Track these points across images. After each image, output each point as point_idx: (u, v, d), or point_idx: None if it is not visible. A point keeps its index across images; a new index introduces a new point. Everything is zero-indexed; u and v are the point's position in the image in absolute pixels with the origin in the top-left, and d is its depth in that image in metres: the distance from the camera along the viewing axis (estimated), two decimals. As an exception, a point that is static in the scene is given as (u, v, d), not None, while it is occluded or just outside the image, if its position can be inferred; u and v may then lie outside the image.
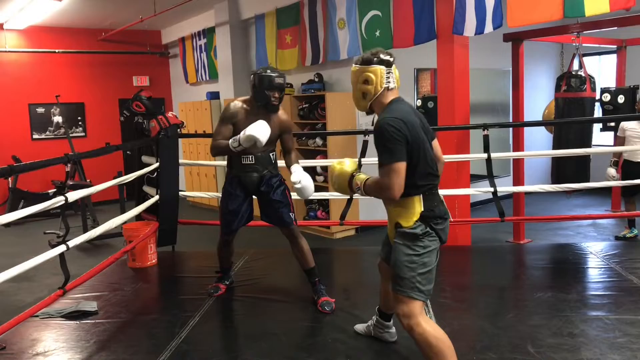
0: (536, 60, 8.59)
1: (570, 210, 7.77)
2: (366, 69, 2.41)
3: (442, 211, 2.40)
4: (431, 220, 2.34)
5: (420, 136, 2.32)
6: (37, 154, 8.88)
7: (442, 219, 2.38)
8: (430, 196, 2.36)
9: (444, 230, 2.39)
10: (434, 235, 2.34)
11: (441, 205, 2.41)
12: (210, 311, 3.46)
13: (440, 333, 2.29)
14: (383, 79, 2.40)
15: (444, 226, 2.39)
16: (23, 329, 3.21)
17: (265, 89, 3.35)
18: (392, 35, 5.83)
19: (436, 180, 2.40)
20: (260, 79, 3.37)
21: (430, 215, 2.34)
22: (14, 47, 9.49)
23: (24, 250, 5.58)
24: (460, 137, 5.21)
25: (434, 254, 2.36)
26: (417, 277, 2.30)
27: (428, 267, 2.33)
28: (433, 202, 2.36)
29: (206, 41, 9.64)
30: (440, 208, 2.39)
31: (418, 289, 2.30)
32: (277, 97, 3.40)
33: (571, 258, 4.38)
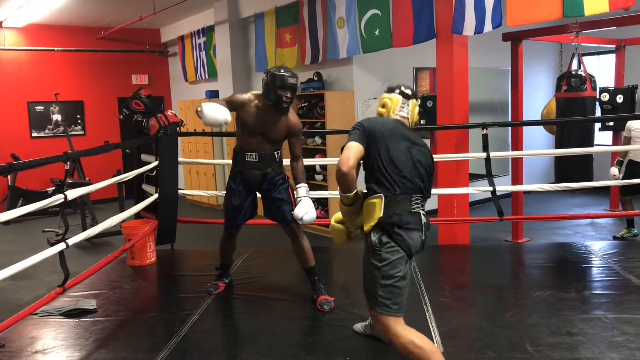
0: (535, 59, 8.60)
1: (568, 209, 7.78)
2: (387, 95, 2.64)
3: (405, 221, 2.32)
4: (390, 228, 2.31)
5: (390, 136, 2.41)
6: (36, 152, 8.86)
7: (404, 229, 2.32)
8: (394, 202, 2.33)
9: (406, 241, 2.31)
10: (392, 245, 2.30)
11: (408, 216, 2.34)
12: (210, 309, 3.46)
13: (421, 341, 2.28)
14: (397, 107, 2.59)
15: (407, 236, 2.32)
16: (22, 327, 3.22)
17: (277, 88, 3.33)
18: (392, 34, 5.83)
19: (407, 189, 2.37)
20: (273, 77, 3.34)
21: (388, 222, 2.31)
22: (12, 45, 9.48)
23: (23, 248, 5.57)
24: (459, 136, 5.21)
25: (398, 265, 2.30)
26: (379, 292, 2.30)
27: (390, 280, 2.28)
28: (396, 209, 2.33)
29: (205, 40, 9.63)
30: (404, 218, 2.33)
31: (384, 304, 2.29)
32: (288, 98, 3.37)
33: (570, 257, 4.38)
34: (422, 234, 2.40)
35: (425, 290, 3.58)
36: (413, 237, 2.35)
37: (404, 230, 2.32)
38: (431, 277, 3.94)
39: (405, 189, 2.37)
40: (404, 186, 2.37)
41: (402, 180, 2.37)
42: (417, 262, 4.21)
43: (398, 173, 2.37)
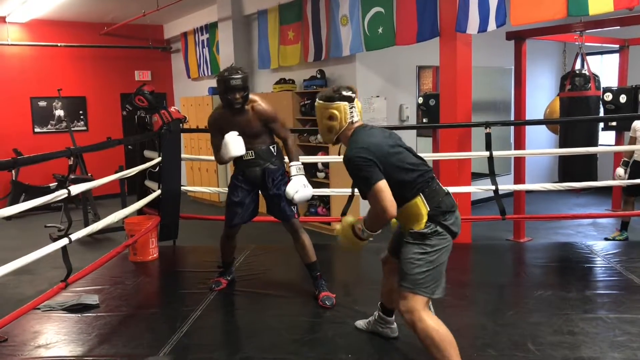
0: (538, 58, 8.58)
1: (570, 209, 7.77)
2: (330, 106, 2.50)
3: (449, 204, 2.39)
4: (440, 218, 2.36)
5: (389, 151, 2.38)
6: (39, 148, 8.87)
7: (450, 213, 2.38)
8: (430, 193, 2.37)
9: (455, 224, 2.40)
10: (444, 233, 2.36)
11: (447, 198, 2.41)
12: (212, 306, 3.47)
13: (443, 328, 2.31)
14: (347, 115, 2.49)
15: (452, 220, 2.39)
16: (25, 321, 3.22)
17: (223, 92, 3.37)
18: (395, 32, 5.82)
19: (427, 175, 2.41)
20: (217, 83, 3.40)
21: (438, 212, 2.36)
22: (16, 41, 9.48)
23: (25, 243, 5.59)
24: (461, 134, 5.21)
25: (443, 252, 2.37)
26: (422, 275, 2.34)
27: (435, 264, 2.35)
28: (437, 198, 2.38)
29: (208, 36, 9.63)
30: (446, 202, 2.39)
31: (423, 285, 2.34)
32: (238, 98, 3.37)
33: (571, 257, 4.38)
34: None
35: (426, 289, 3.58)
36: (458, 217, 2.42)
37: (450, 213, 2.38)
38: (433, 275, 3.94)
39: (426, 177, 2.41)
40: (423, 174, 2.40)
41: (419, 173, 2.39)
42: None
43: (413, 171, 2.39)
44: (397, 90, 7.31)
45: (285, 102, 7.39)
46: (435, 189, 2.40)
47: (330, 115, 2.49)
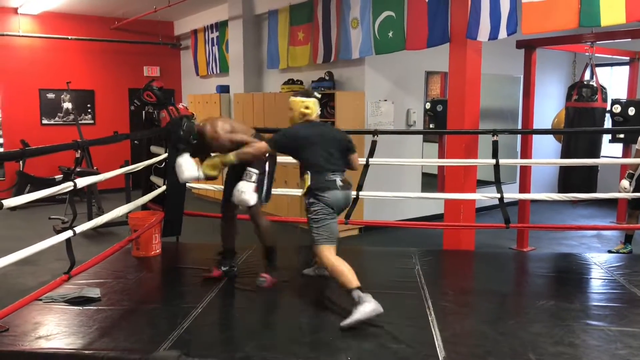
0: (548, 68, 8.56)
1: (575, 220, 7.74)
2: (307, 102, 3.57)
3: (327, 187, 3.33)
4: (316, 191, 3.34)
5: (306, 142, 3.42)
6: (46, 139, 8.90)
7: (328, 190, 3.33)
8: (317, 176, 3.36)
9: (330, 199, 3.32)
10: (319, 203, 3.33)
11: (330, 183, 3.34)
12: (213, 303, 3.47)
13: (340, 261, 3.24)
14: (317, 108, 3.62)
15: (328, 196, 3.32)
16: (26, 312, 3.23)
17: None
18: (405, 37, 5.82)
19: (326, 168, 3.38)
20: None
21: (314, 187, 3.35)
22: (27, 32, 9.53)
23: (29, 234, 5.62)
24: (469, 141, 5.20)
25: (326, 215, 3.32)
26: (317, 230, 3.32)
27: (323, 223, 3.32)
28: (320, 181, 3.35)
29: (218, 34, 9.66)
30: (327, 184, 3.33)
31: (321, 236, 3.31)
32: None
33: (574, 268, 4.36)
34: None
35: (428, 295, 3.58)
36: (336, 196, 3.36)
37: (327, 190, 3.34)
38: (435, 281, 3.94)
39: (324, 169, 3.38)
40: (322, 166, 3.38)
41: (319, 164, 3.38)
42: (420, 266, 4.21)
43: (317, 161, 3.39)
44: (405, 95, 7.31)
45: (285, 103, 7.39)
46: (322, 174, 3.35)
47: (307, 105, 3.55)
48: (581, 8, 4.14)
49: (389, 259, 4.59)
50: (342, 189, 3.39)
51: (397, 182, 7.05)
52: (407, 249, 4.81)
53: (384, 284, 3.89)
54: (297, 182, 7.25)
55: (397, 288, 3.76)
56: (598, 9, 4.08)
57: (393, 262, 4.41)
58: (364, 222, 6.77)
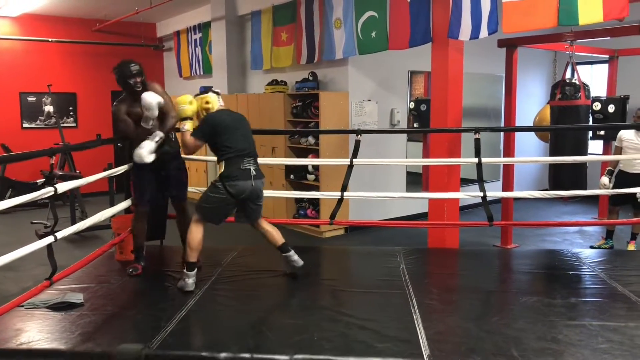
0: (529, 66, 8.66)
1: (557, 216, 7.84)
2: (205, 96, 3.84)
3: (236, 176, 3.61)
4: (224, 179, 3.61)
5: (225, 127, 3.68)
6: (27, 143, 8.83)
7: (236, 180, 3.60)
8: (229, 164, 3.64)
9: (233, 188, 3.61)
10: (223, 190, 3.60)
11: (240, 172, 3.62)
12: (197, 306, 3.45)
13: (200, 235, 3.69)
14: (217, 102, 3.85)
15: (234, 184, 3.60)
16: (7, 318, 3.19)
17: (126, 78, 3.88)
18: (388, 37, 5.85)
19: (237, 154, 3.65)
20: (120, 72, 3.91)
21: (224, 175, 3.62)
22: (6, 35, 9.41)
23: (11, 239, 5.54)
24: (451, 140, 5.24)
25: (221, 201, 3.64)
26: (202, 205, 3.70)
27: (211, 204, 3.68)
28: (231, 169, 3.62)
29: (201, 35, 9.62)
30: (237, 174, 3.61)
31: (200, 212, 3.71)
32: (138, 82, 3.91)
33: (557, 264, 4.41)
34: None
35: (413, 293, 3.59)
36: (241, 185, 3.63)
37: (235, 180, 3.62)
38: (420, 279, 3.95)
39: (235, 154, 3.65)
40: (234, 153, 3.65)
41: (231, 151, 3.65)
42: (405, 265, 4.22)
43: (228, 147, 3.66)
44: (389, 95, 7.34)
45: (276, 103, 7.39)
46: (235, 163, 3.63)
47: (207, 100, 3.80)
48: (560, 7, 4.20)
49: (374, 258, 4.60)
50: (254, 179, 3.67)
51: (381, 181, 7.08)
52: (392, 248, 4.83)
53: (369, 283, 3.91)
54: (282, 183, 7.21)
55: (382, 287, 3.77)
56: (576, 8, 4.14)
57: (378, 261, 4.42)
58: (349, 222, 6.80)
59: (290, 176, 7.22)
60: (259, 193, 3.79)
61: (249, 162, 3.69)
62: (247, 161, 3.68)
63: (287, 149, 7.28)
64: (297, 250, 4.94)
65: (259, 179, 3.73)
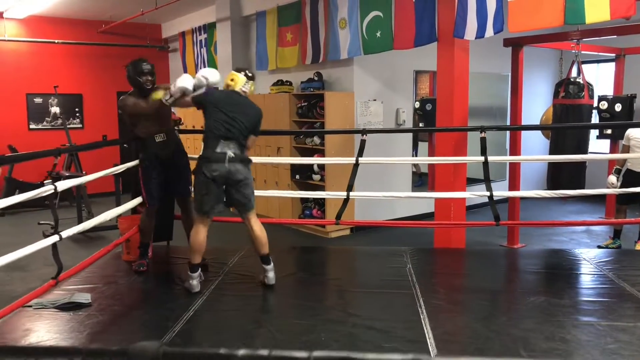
0: (535, 65, 8.63)
1: (564, 216, 7.80)
2: (234, 73, 3.89)
3: (208, 157, 3.56)
4: (200, 160, 3.60)
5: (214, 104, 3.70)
6: (34, 144, 8.87)
7: (209, 162, 3.55)
8: (206, 146, 3.62)
9: (208, 169, 3.54)
10: (201, 174, 3.55)
11: (215, 155, 3.55)
12: (204, 306, 3.46)
13: (200, 237, 3.66)
14: (242, 84, 3.86)
15: (210, 166, 3.54)
16: (16, 318, 3.20)
17: (137, 75, 3.99)
18: (393, 37, 5.84)
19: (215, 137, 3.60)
20: (133, 68, 4.01)
21: (202, 156, 3.59)
22: (13, 36, 9.46)
23: (18, 240, 5.54)
24: (457, 139, 5.23)
25: (201, 187, 3.58)
26: (195, 199, 3.69)
27: (198, 193, 3.62)
28: (207, 151, 3.59)
29: (207, 36, 9.63)
30: (210, 155, 3.56)
31: (195, 206, 3.69)
32: (150, 80, 4.01)
33: (564, 264, 4.39)
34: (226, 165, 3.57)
35: (420, 293, 3.58)
36: (216, 168, 3.55)
37: (210, 162, 3.56)
38: (426, 279, 3.95)
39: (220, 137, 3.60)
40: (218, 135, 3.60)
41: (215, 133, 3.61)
42: (412, 265, 4.22)
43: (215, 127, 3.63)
44: (394, 94, 7.33)
45: (282, 103, 7.39)
46: (213, 144, 3.58)
47: (232, 78, 3.85)
48: (566, 6, 4.18)
49: (381, 258, 4.59)
50: (230, 161, 3.58)
51: (387, 181, 7.07)
52: (399, 248, 4.82)
53: (376, 283, 3.90)
54: (287, 183, 7.19)
55: (389, 287, 3.77)
56: (583, 6, 4.12)
57: (384, 261, 4.42)
58: (355, 222, 6.79)
59: (296, 176, 7.22)
60: (239, 177, 3.64)
61: (227, 145, 3.61)
62: (225, 144, 3.61)
63: (293, 149, 7.28)
64: (303, 250, 4.95)
65: (237, 163, 3.62)
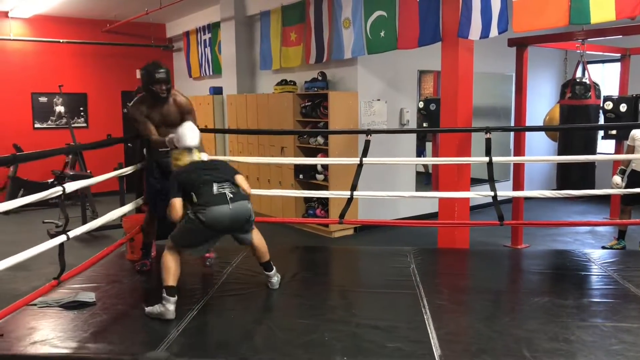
0: (539, 66, 8.59)
1: (568, 216, 7.78)
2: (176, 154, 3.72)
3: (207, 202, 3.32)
4: (195, 207, 3.34)
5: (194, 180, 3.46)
6: (39, 143, 8.89)
7: (209, 206, 3.30)
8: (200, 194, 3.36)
9: (206, 215, 3.29)
10: (196, 220, 3.31)
11: (213, 197, 3.33)
12: (209, 305, 3.47)
13: (174, 261, 3.36)
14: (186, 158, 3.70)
15: (207, 210, 3.29)
16: (21, 316, 3.22)
17: (150, 84, 3.87)
18: (397, 36, 5.83)
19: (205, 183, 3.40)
20: (145, 75, 3.89)
21: (195, 204, 3.35)
22: (18, 36, 9.49)
23: (23, 238, 5.59)
24: (461, 139, 5.22)
25: (192, 229, 3.34)
26: (176, 234, 3.43)
27: (184, 232, 3.40)
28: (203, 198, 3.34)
29: (211, 36, 9.65)
30: (209, 199, 3.33)
31: (173, 238, 3.43)
32: (164, 89, 3.89)
33: (569, 264, 4.38)
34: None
35: (423, 293, 3.58)
36: (212, 211, 3.31)
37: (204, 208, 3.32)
38: (430, 280, 3.94)
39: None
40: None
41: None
42: (415, 265, 4.21)
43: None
44: (398, 94, 7.32)
45: (286, 103, 7.40)
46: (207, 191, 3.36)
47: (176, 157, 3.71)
48: (571, 5, 4.17)
49: (384, 258, 4.59)
50: (231, 202, 3.33)
51: (391, 181, 7.07)
52: (402, 248, 4.82)
53: (379, 283, 3.90)
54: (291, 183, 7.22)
55: (393, 287, 3.76)
56: (588, 6, 4.11)
57: (388, 261, 4.41)
58: (359, 221, 6.78)
59: (300, 176, 7.22)
60: (247, 216, 3.42)
61: (222, 186, 3.38)
62: (221, 186, 3.38)
63: (296, 149, 7.28)
64: (306, 250, 4.94)
65: (240, 200, 3.39)
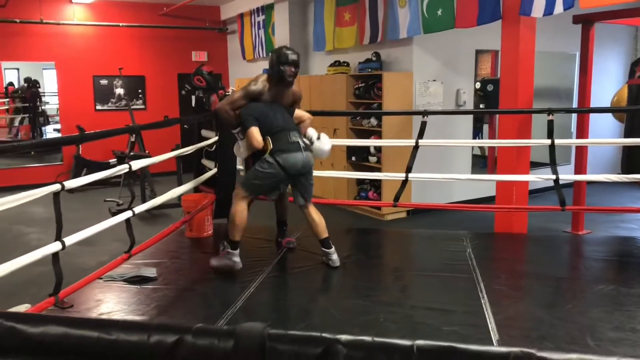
0: (606, 44, 8.16)
1: (633, 202, 7.43)
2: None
3: (287, 149, 3.62)
4: (275, 152, 3.60)
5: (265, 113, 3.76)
6: (100, 124, 9.18)
7: (288, 152, 3.61)
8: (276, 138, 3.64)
9: (285, 160, 3.59)
10: (275, 164, 3.58)
11: (290, 145, 3.63)
12: (265, 283, 3.53)
13: (243, 214, 3.66)
14: None
15: (284, 157, 3.59)
16: (88, 289, 3.38)
17: (281, 64, 3.77)
18: (455, 15, 5.67)
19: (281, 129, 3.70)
20: (277, 55, 3.81)
21: (274, 149, 3.61)
22: (81, 20, 9.82)
23: (86, 215, 5.83)
24: (522, 121, 5.05)
25: (272, 176, 3.62)
26: (248, 181, 3.69)
27: (258, 180, 3.66)
28: (280, 142, 3.63)
29: (264, 18, 9.67)
30: (287, 147, 3.62)
31: (245, 185, 3.70)
32: (292, 72, 3.82)
33: (634, 252, 4.21)
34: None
35: (480, 277, 3.52)
36: (290, 157, 3.63)
37: (283, 152, 3.62)
38: (487, 264, 3.87)
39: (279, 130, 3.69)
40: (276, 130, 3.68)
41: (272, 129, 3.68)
42: (472, 249, 4.14)
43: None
44: (454, 75, 7.15)
45: (339, 84, 7.36)
46: (283, 137, 3.65)
47: None
48: (645, -21, 3.92)
49: (439, 241, 4.54)
50: (304, 150, 3.69)
51: (446, 163, 6.94)
52: (457, 232, 4.75)
53: (435, 267, 3.87)
54: (343, 165, 7.20)
55: (449, 270, 3.72)
56: (664, -21, 3.86)
57: (443, 244, 4.36)
58: (413, 204, 6.71)
59: (352, 158, 7.20)
60: (311, 167, 3.79)
61: (295, 135, 3.73)
62: (294, 134, 3.72)
63: (349, 131, 7.25)
64: (359, 232, 4.93)
65: (308, 151, 3.76)
